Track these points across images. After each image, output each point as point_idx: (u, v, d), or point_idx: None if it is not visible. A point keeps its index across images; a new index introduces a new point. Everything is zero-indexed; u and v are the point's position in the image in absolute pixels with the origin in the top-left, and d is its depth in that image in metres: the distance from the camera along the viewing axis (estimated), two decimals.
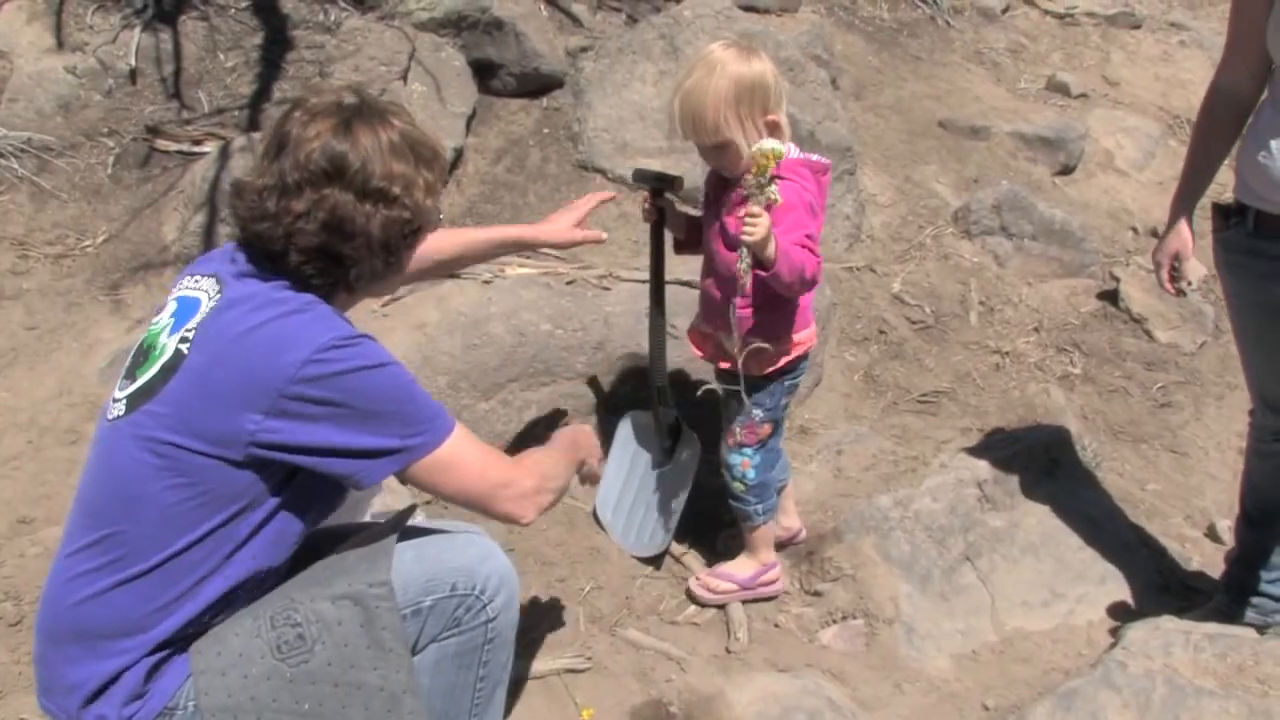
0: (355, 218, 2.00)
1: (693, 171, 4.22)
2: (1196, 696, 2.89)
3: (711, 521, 3.47)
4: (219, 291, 2.01)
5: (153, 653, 1.97)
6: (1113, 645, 3.09)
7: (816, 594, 3.26)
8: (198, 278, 2.08)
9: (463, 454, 2.05)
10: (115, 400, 2.02)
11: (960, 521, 3.41)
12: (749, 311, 2.80)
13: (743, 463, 3.04)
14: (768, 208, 2.54)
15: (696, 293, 3.67)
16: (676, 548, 3.36)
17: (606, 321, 3.68)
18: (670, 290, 3.77)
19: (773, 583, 3.20)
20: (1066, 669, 3.11)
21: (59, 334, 3.70)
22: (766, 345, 2.83)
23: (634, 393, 3.68)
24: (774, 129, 2.67)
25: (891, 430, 3.93)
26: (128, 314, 3.78)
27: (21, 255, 3.90)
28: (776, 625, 3.16)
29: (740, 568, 3.17)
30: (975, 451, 3.64)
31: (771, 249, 2.56)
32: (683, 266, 3.97)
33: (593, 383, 3.61)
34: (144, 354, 2.03)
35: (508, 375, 3.56)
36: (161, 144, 4.20)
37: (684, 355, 3.46)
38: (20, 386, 3.52)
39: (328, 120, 2.02)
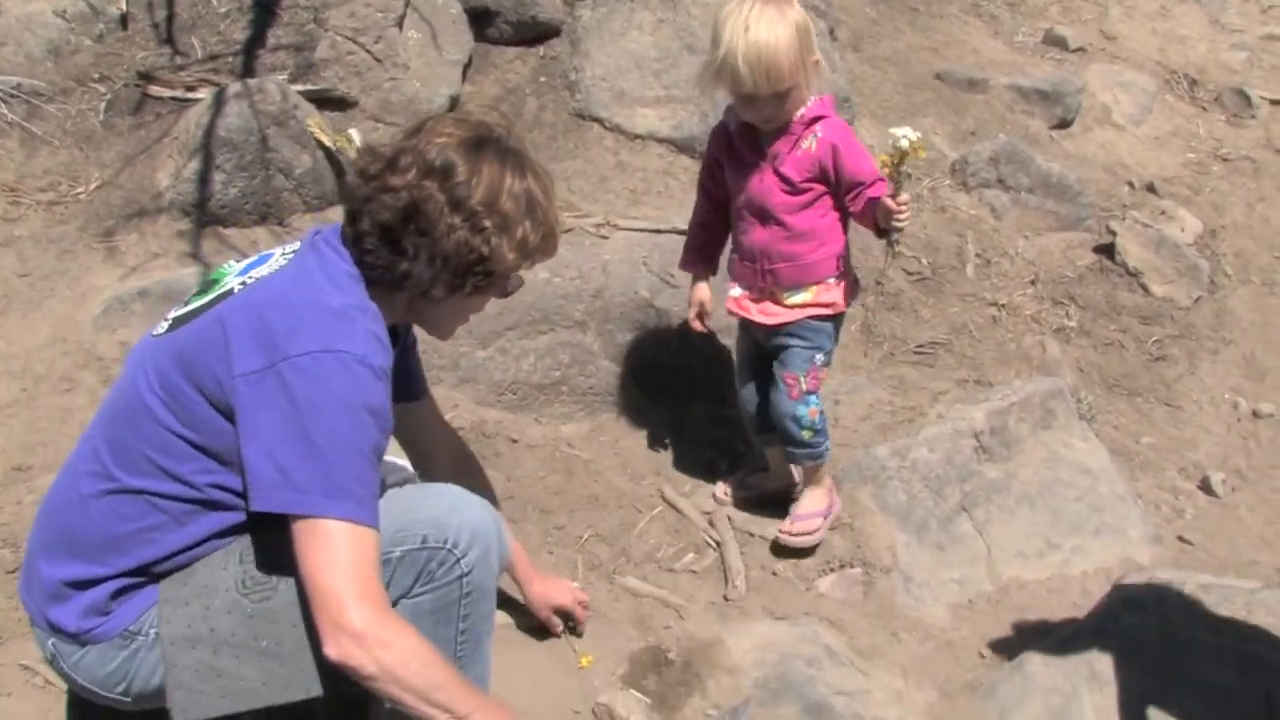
0: (436, 221, 1.98)
1: (689, 121, 4.20)
2: (1190, 645, 2.89)
3: (709, 469, 3.49)
4: (294, 250, 2.06)
5: (125, 575, 1.97)
6: (1108, 595, 3.09)
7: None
8: (287, 243, 2.13)
9: (351, 550, 1.82)
10: (165, 319, 2.06)
11: (957, 472, 3.41)
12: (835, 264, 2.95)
13: (810, 411, 3.05)
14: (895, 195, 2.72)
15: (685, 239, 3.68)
16: (670, 492, 3.36)
17: (604, 270, 3.66)
18: (665, 238, 3.78)
19: (836, 503, 3.24)
20: (1062, 618, 3.11)
21: (52, 281, 3.65)
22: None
23: (635, 343, 3.67)
24: (818, 68, 2.79)
25: (888, 381, 3.93)
26: (122, 261, 3.74)
27: (13, 202, 3.85)
28: (774, 573, 3.15)
29: (816, 501, 3.18)
30: (972, 403, 3.64)
31: None
32: (680, 215, 3.96)
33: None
34: (206, 286, 2.08)
35: (505, 323, 3.54)
36: (154, 90, 4.13)
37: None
38: (13, 334, 3.49)
39: (466, 132, 2.03)
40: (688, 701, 2.72)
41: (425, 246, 1.99)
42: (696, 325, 3.17)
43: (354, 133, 3.96)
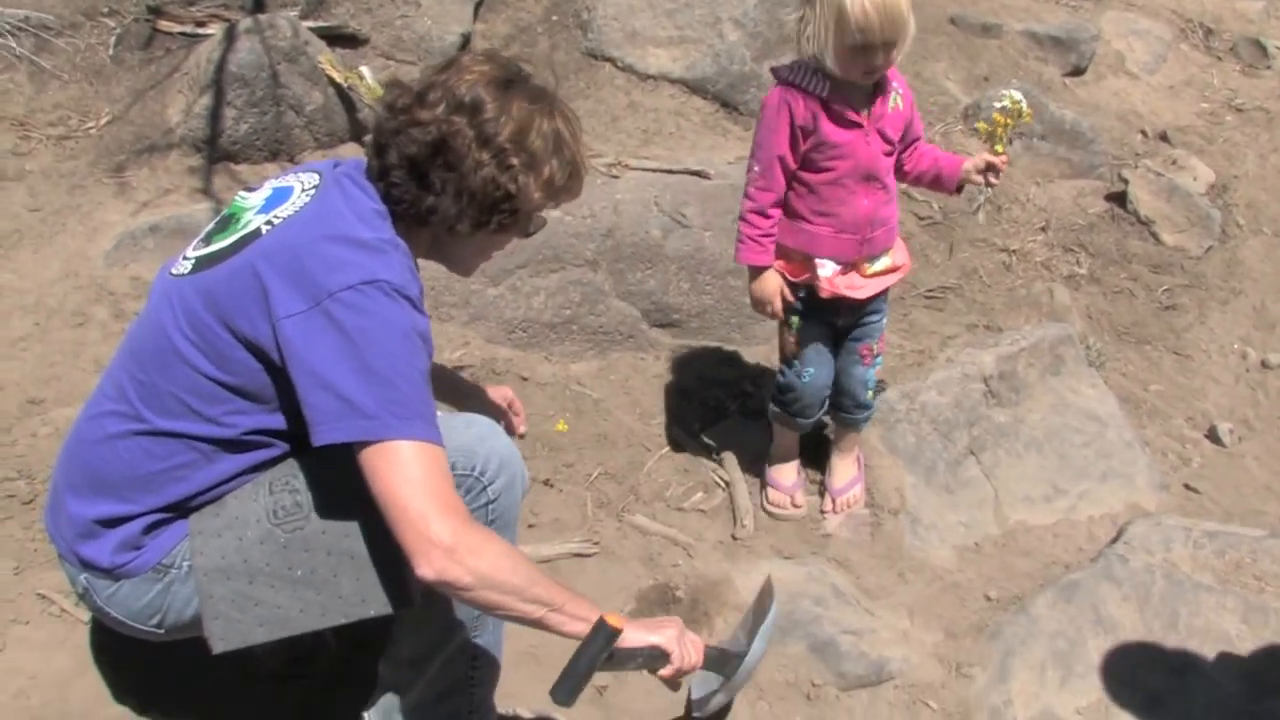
0: (464, 156, 1.96)
1: (702, 62, 4.17)
2: (1195, 591, 2.93)
3: (717, 409, 3.52)
4: (315, 186, 2.01)
5: (157, 512, 1.97)
6: (1114, 540, 3.13)
7: (819, 484, 3.26)
8: (299, 173, 2.09)
9: (426, 467, 1.83)
10: (185, 258, 2.03)
11: (965, 416, 3.41)
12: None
13: (876, 372, 3.06)
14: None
15: (707, 182, 3.66)
16: (679, 431, 3.36)
17: (616, 209, 3.66)
18: (676, 178, 3.76)
19: (861, 458, 3.26)
20: (1067, 563, 3.14)
21: (63, 216, 3.65)
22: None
23: (645, 283, 3.67)
24: None
25: (898, 325, 3.92)
26: (133, 197, 3.73)
27: (23, 136, 3.83)
28: None
29: (848, 468, 3.21)
30: (981, 347, 3.64)
31: None
32: (692, 156, 3.95)
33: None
34: (225, 223, 2.04)
35: (516, 261, 3.54)
36: (164, 25, 4.10)
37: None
38: (25, 268, 3.48)
39: (497, 70, 2.01)
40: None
41: (452, 181, 1.97)
42: (779, 313, 2.91)
43: (365, 70, 3.94)
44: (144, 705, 2.41)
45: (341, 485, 1.95)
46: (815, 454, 3.29)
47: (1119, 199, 4.63)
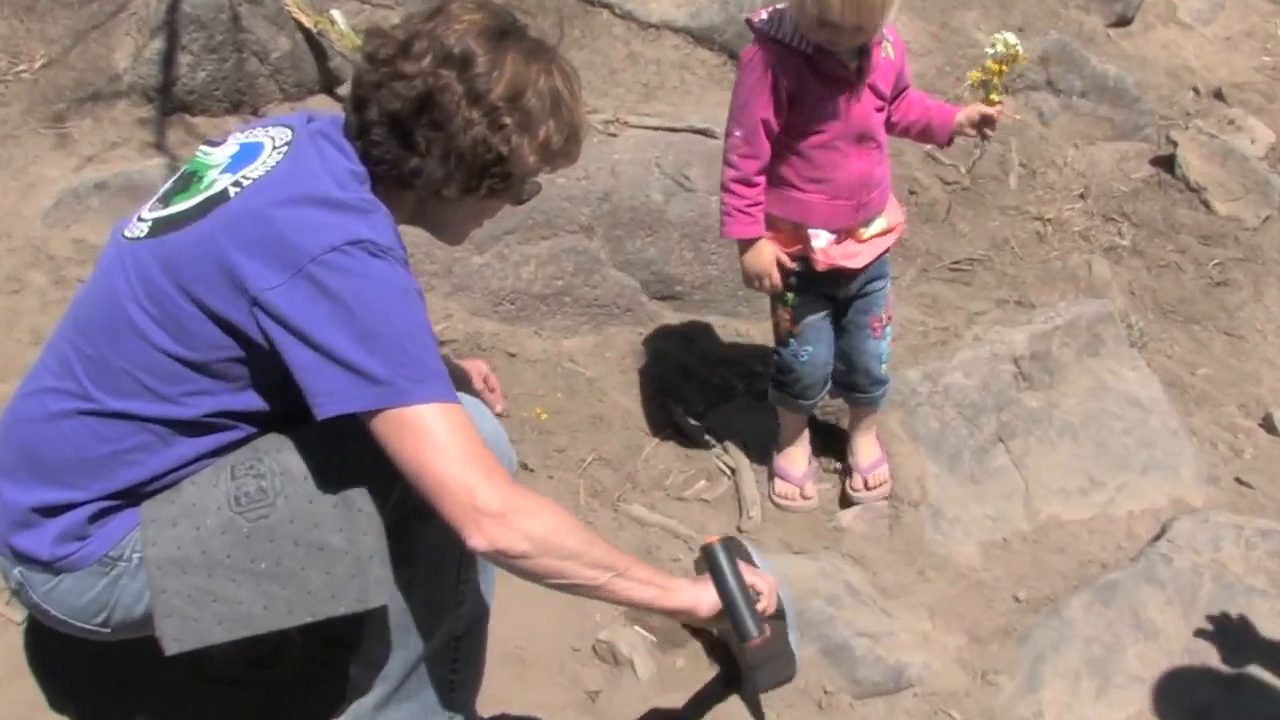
0: (452, 114, 1.95)
1: (709, 9, 4.16)
2: (1247, 595, 2.94)
3: (723, 390, 3.52)
4: (287, 142, 2.00)
5: (105, 499, 1.96)
6: (1156, 538, 3.14)
7: (836, 472, 3.28)
8: (268, 127, 2.07)
9: (454, 431, 1.85)
10: (140, 219, 2.01)
11: (994, 399, 3.42)
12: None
13: (888, 342, 3.11)
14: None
15: (713, 142, 3.66)
16: (681, 413, 3.38)
17: (613, 170, 3.66)
18: (679, 137, 3.76)
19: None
20: (1105, 561, 3.14)
21: None
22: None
23: (645, 251, 3.67)
24: None
25: (920, 299, 3.93)
26: (75, 150, 3.71)
27: None
28: None
29: (872, 448, 3.23)
30: (1012, 325, 3.64)
31: None
32: (696, 113, 3.95)
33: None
34: (185, 181, 2.03)
35: (504, 227, 3.53)
36: None
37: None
38: None
39: (490, 19, 2.00)
40: (694, 640, 2.74)
41: (439, 142, 1.96)
42: (778, 285, 2.92)
43: (336, 14, 3.92)
44: (86, 712, 2.40)
45: (313, 469, 1.95)
46: (827, 439, 3.30)
47: (1166, 163, 4.63)
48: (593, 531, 1.95)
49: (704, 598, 2.10)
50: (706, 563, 2.08)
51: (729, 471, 3.25)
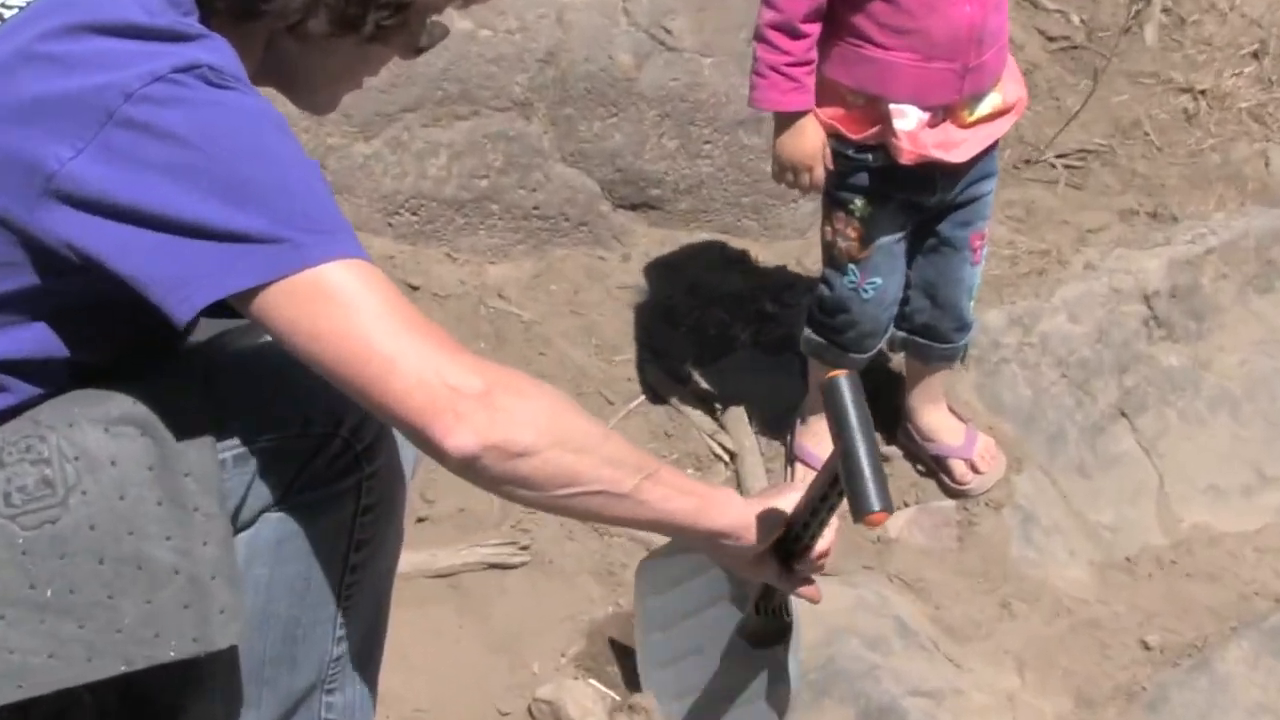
0: None
1: None
2: None
3: (721, 340, 3.55)
4: None
5: None
6: None
7: (883, 459, 3.18)
8: None
9: (385, 296, 1.80)
10: None
11: (1114, 356, 3.44)
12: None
13: (980, 271, 3.16)
14: None
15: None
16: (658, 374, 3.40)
17: (559, 19, 3.67)
18: None
19: None
20: (1276, 593, 3.14)
21: None
22: None
23: (608, 138, 3.61)
24: None
25: (1009, 210, 3.93)
26: None
27: None
28: None
29: (949, 419, 3.28)
30: (1143, 247, 3.66)
31: None
32: None
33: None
34: None
35: (400, 102, 3.57)
36: None
37: None
38: None
39: None
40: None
41: None
42: (819, 184, 2.95)
43: None
44: None
45: (120, 450, 1.88)
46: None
47: None
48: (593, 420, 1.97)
49: (762, 514, 2.06)
50: (827, 402, 2.01)
51: (726, 456, 3.28)
